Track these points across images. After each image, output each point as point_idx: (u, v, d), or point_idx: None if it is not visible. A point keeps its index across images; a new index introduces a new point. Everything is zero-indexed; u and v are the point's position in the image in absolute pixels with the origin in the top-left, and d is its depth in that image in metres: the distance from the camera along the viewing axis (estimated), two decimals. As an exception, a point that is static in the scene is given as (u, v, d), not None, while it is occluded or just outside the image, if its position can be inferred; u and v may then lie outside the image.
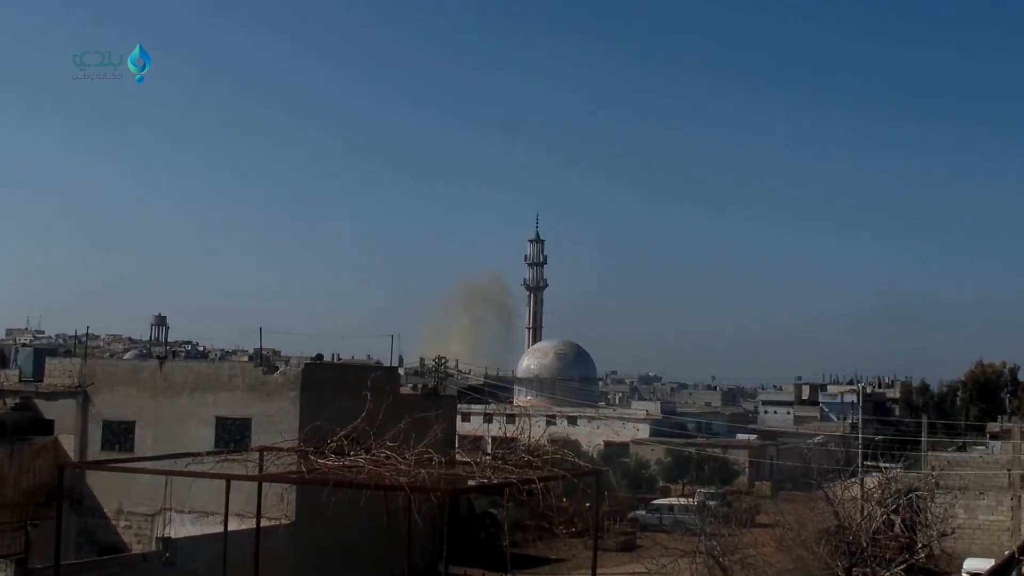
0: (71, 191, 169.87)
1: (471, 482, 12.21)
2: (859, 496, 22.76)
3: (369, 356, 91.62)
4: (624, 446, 62.13)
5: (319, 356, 44.63)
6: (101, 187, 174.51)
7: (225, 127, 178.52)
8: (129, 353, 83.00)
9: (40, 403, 28.15)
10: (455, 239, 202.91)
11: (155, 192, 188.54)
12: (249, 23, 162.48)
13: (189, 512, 22.85)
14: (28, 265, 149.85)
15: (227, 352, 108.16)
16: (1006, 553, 20.97)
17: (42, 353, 34.85)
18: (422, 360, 75.35)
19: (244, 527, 16.56)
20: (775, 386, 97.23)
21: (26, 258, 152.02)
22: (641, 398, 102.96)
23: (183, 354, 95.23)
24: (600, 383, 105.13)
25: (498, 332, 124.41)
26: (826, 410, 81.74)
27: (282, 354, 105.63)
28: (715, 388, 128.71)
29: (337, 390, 21.97)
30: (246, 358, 78.76)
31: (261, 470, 14.03)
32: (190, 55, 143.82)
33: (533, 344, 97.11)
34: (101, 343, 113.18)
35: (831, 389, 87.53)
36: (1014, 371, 77.75)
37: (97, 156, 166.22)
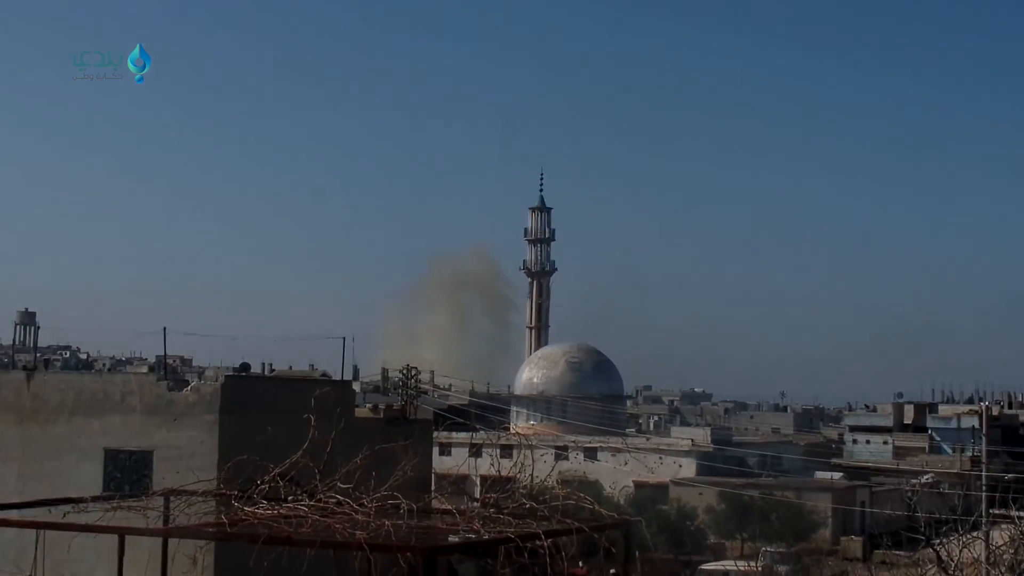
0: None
1: (453, 538, 12.21)
2: (983, 557, 22.82)
3: (312, 366, 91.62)
4: (662, 488, 62.39)
5: (244, 366, 44.49)
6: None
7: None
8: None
9: None
10: (428, 206, 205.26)
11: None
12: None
13: (68, 579, 22.85)
14: None
15: (120, 361, 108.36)
16: None
17: None
18: (385, 371, 75.56)
19: (143, 600, 16.50)
20: (866, 406, 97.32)
21: None
22: (685, 423, 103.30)
23: (59, 363, 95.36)
24: (629, 402, 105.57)
25: (489, 333, 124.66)
26: (937, 439, 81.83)
27: (194, 363, 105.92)
28: (785, 409, 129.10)
29: (269, 412, 22.14)
30: (146, 369, 78.77)
31: (167, 522, 14.01)
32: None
33: (537, 350, 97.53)
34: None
35: (943, 410, 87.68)
36: None
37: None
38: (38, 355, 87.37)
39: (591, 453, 67.65)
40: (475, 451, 58.06)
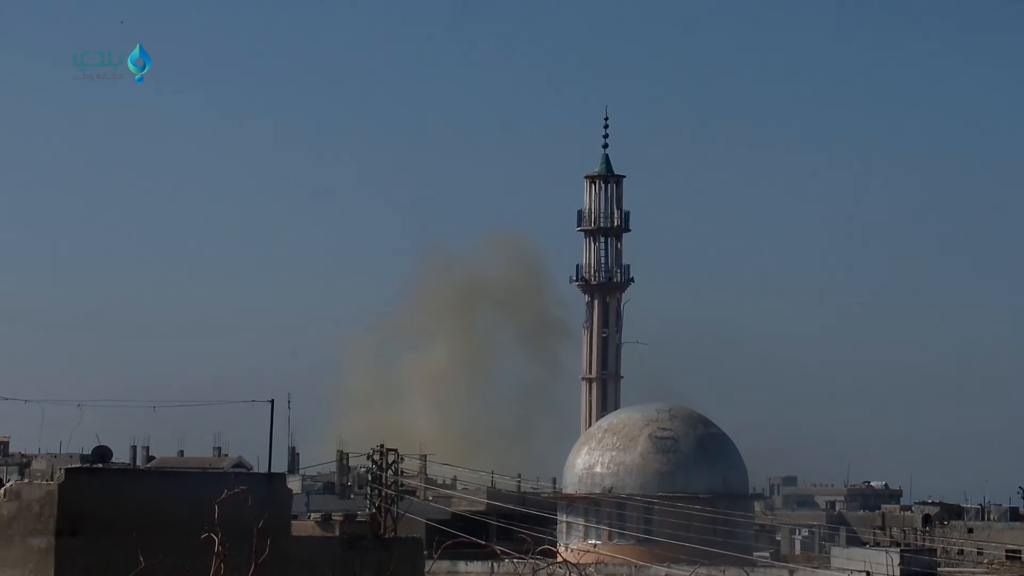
0: None
1: None
2: None
3: (219, 451, 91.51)
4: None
5: (100, 452, 44.18)
6: None
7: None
8: None
9: None
10: (416, 178, 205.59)
11: None
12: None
13: None
14: None
15: None
16: None
17: None
18: (343, 457, 75.04)
19: None
20: None
21: None
22: (855, 540, 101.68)
23: None
24: (759, 505, 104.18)
25: (522, 380, 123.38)
26: None
27: (12, 449, 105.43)
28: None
29: (144, 530, 22.31)
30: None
31: None
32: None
33: (601, 417, 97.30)
34: None
35: None
36: None
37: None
38: None
39: (696, 594, 67.08)
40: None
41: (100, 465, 38.66)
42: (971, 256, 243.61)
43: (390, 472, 50.76)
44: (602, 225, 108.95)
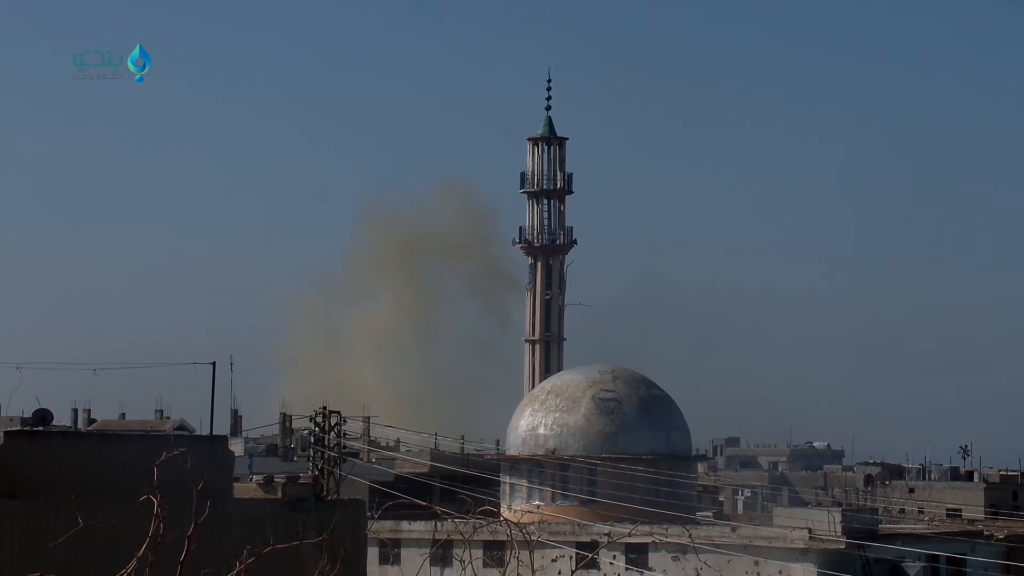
0: None
1: None
2: None
3: (162, 413, 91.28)
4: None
5: (41, 415, 43.99)
6: None
7: None
8: None
9: None
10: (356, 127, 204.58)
11: None
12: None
13: None
14: None
15: None
16: None
17: None
18: (286, 419, 74.90)
19: None
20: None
21: None
22: (797, 500, 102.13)
23: None
24: (701, 466, 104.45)
25: (471, 336, 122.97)
26: None
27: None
28: (971, 476, 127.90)
29: (84, 493, 22.05)
30: None
31: None
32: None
33: (545, 378, 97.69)
34: None
35: None
36: None
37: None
38: None
39: (638, 554, 67.35)
40: (439, 551, 57.77)
41: (40, 428, 38.49)
42: (914, 217, 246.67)
43: (332, 433, 50.78)
44: (545, 187, 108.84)
